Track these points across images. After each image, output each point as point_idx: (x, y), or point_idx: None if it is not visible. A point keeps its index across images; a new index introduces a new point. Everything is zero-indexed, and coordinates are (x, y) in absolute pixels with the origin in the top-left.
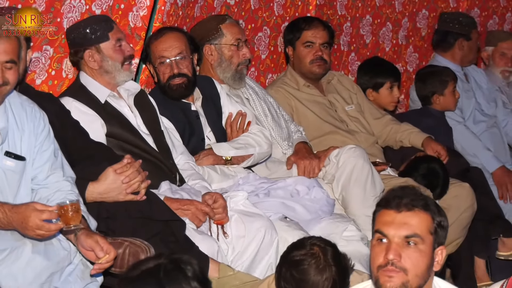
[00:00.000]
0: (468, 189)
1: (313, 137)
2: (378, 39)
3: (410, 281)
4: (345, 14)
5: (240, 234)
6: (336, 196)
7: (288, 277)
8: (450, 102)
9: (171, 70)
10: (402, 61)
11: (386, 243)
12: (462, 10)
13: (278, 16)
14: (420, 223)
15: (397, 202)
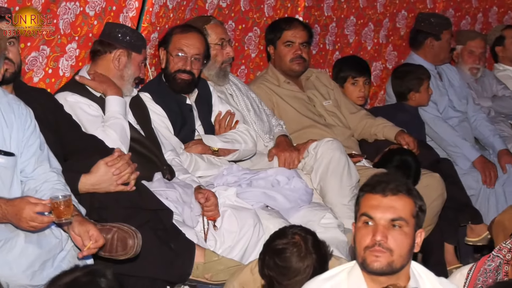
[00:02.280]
0: (439, 179)
1: (293, 130)
2: (360, 38)
3: (395, 261)
4: (331, 15)
5: (232, 229)
6: (315, 186)
7: (271, 265)
8: (424, 99)
9: (184, 65)
10: (382, 59)
11: (372, 226)
12: (438, 11)
13: (268, 17)
14: (405, 207)
15: (383, 187)
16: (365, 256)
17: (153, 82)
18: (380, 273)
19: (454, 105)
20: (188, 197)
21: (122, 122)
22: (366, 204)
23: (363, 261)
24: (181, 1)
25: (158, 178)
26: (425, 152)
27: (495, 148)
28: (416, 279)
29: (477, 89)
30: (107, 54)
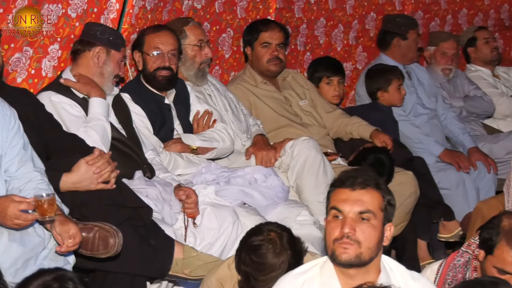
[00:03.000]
0: (412, 177)
1: (270, 129)
2: (331, 39)
3: (363, 253)
4: (302, 17)
5: (211, 226)
6: (291, 183)
7: (248, 261)
8: (394, 98)
9: (162, 61)
10: (352, 59)
11: (341, 219)
12: (407, 12)
13: (241, 18)
14: (373, 201)
15: (352, 182)
16: (334, 248)
17: (132, 83)
18: (349, 264)
19: (423, 103)
20: (168, 195)
21: (104, 124)
22: (336, 198)
23: (332, 253)
24: (159, 3)
25: (139, 176)
26: (399, 151)
27: (464, 146)
28: (387, 273)
29: (449, 89)
30: (86, 52)
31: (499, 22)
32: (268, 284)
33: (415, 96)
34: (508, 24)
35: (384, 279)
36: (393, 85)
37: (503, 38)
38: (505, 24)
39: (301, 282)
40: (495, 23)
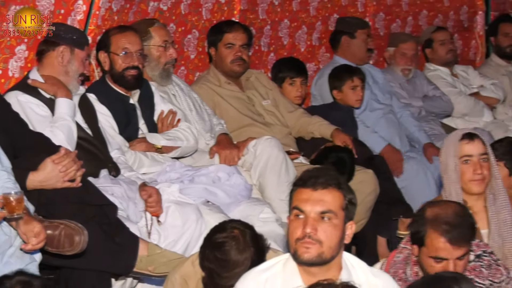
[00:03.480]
0: (372, 175)
1: (233, 129)
2: (294, 40)
3: (324, 252)
4: (266, 18)
5: (175, 224)
6: (254, 182)
7: (211, 258)
8: (349, 99)
9: (130, 61)
10: (315, 60)
11: (303, 218)
12: (369, 14)
13: (206, 20)
14: (334, 200)
15: (313, 182)
16: (296, 247)
17: (97, 83)
18: (310, 263)
19: (378, 99)
20: (132, 193)
21: (69, 124)
22: (298, 198)
23: (294, 253)
24: (125, 4)
25: (104, 175)
26: (359, 149)
27: (420, 142)
28: (349, 270)
29: (408, 89)
30: (51, 52)
31: (458, 23)
32: (231, 281)
33: (369, 92)
34: (467, 25)
35: (345, 276)
36: (347, 85)
37: (462, 39)
38: (464, 25)
39: (264, 279)
40: (454, 24)
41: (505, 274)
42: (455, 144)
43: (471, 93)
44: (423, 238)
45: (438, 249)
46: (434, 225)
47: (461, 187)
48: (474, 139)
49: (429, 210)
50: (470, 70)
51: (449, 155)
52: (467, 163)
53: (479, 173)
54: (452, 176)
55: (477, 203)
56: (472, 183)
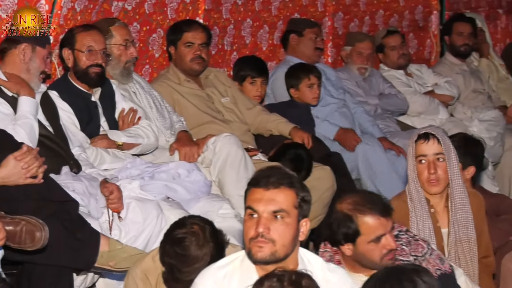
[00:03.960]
0: (329, 172)
1: (193, 126)
2: (256, 39)
3: (278, 250)
4: (229, 18)
5: (136, 219)
6: (213, 178)
7: (172, 253)
8: (305, 96)
9: (95, 59)
10: (276, 59)
11: (256, 218)
12: (329, 14)
13: (171, 19)
14: (286, 199)
15: (265, 181)
16: (250, 247)
17: (59, 81)
18: (264, 262)
19: (331, 94)
20: (94, 190)
21: (32, 122)
22: (251, 198)
23: (249, 252)
24: (88, 4)
25: (66, 172)
26: (317, 146)
27: (374, 136)
28: (305, 265)
29: (365, 87)
30: (13, 50)
31: (413, 22)
32: (191, 275)
33: (323, 89)
34: (422, 24)
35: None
36: (304, 83)
37: (417, 38)
38: (419, 24)
39: (223, 275)
40: (410, 23)
41: (426, 247)
42: (412, 144)
43: (426, 92)
44: (357, 230)
45: (375, 228)
46: (361, 211)
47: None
48: (429, 139)
49: (343, 207)
50: (424, 69)
51: (409, 155)
52: (423, 163)
53: (433, 173)
54: (411, 175)
55: (440, 202)
56: (429, 184)
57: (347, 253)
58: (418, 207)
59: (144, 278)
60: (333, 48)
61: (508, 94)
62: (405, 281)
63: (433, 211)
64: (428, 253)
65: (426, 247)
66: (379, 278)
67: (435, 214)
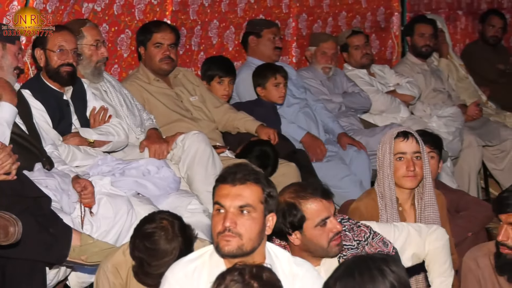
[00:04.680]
0: (295, 168)
1: (162, 124)
2: (223, 40)
3: (244, 244)
4: (196, 19)
5: (107, 215)
6: (182, 174)
7: (141, 247)
8: (272, 95)
9: (66, 58)
10: (242, 59)
11: (223, 213)
12: (293, 15)
13: (139, 20)
14: (252, 195)
15: (232, 177)
16: (218, 241)
17: (32, 80)
18: (232, 256)
19: (293, 94)
20: (66, 186)
21: (4, 130)
22: (218, 194)
23: (216, 246)
24: (59, 6)
25: (38, 168)
26: (283, 144)
27: (334, 132)
28: (272, 259)
29: (329, 86)
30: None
31: (375, 24)
32: (160, 269)
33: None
34: (384, 25)
35: (269, 264)
36: (270, 82)
37: (379, 39)
38: (381, 25)
39: (192, 269)
40: (372, 24)
41: (368, 232)
42: (390, 141)
43: (388, 91)
44: (302, 216)
45: (319, 211)
46: (303, 197)
47: (395, 182)
48: (408, 138)
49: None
50: (386, 69)
51: (385, 152)
52: (401, 160)
53: (412, 169)
54: (386, 172)
55: (407, 201)
56: (405, 179)
57: (296, 242)
58: (389, 205)
59: (115, 272)
60: (297, 48)
61: (467, 93)
62: (374, 270)
63: (401, 209)
64: (370, 237)
65: (369, 231)
66: (347, 266)
67: (403, 212)
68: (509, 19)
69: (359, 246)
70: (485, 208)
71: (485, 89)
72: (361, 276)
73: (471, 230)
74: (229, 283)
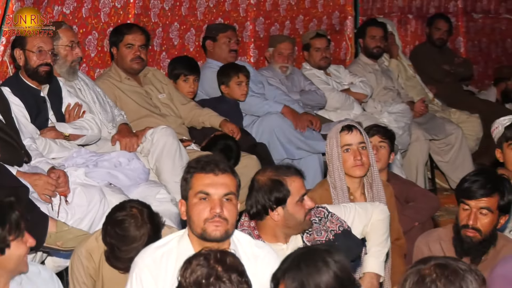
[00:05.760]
0: (255, 160)
1: (133, 119)
2: (184, 41)
3: (229, 229)
4: (158, 21)
5: (81, 203)
6: (151, 166)
7: (113, 234)
8: (235, 93)
9: (44, 59)
10: (203, 59)
11: (209, 201)
12: (250, 19)
13: (104, 22)
14: (232, 183)
15: (213, 168)
16: (206, 227)
17: (11, 78)
18: (219, 240)
19: (253, 90)
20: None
21: None
22: (201, 183)
23: (203, 232)
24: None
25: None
26: (244, 138)
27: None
28: (235, 244)
29: (287, 84)
30: None
31: (330, 27)
32: (130, 254)
33: None
34: (338, 28)
35: (233, 249)
36: (233, 81)
37: (334, 40)
38: (336, 28)
39: (160, 254)
40: (327, 27)
41: (326, 211)
42: (336, 135)
43: (342, 90)
44: (288, 191)
45: (300, 188)
46: (285, 174)
47: (345, 173)
48: (352, 130)
49: (268, 175)
50: (341, 69)
51: (332, 146)
52: (348, 152)
53: (359, 159)
54: (336, 164)
55: (357, 189)
56: (354, 168)
57: (276, 218)
58: (341, 195)
59: (88, 257)
60: (255, 49)
61: (415, 91)
62: (319, 261)
63: (352, 198)
64: (329, 215)
65: (326, 211)
66: (294, 258)
67: (354, 200)
68: (454, 23)
69: (321, 222)
70: (432, 199)
71: (431, 88)
72: (307, 267)
73: (418, 220)
74: (195, 267)
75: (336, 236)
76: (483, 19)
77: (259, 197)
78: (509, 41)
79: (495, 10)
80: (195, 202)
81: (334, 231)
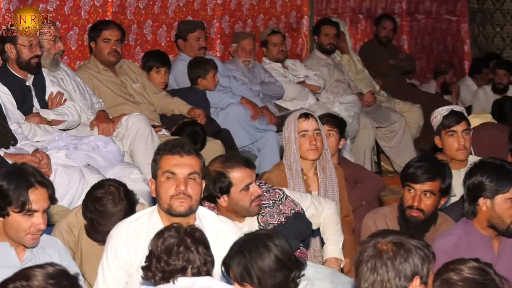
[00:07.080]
0: (220, 145)
1: (110, 106)
2: (156, 37)
3: (193, 205)
4: (133, 19)
5: (62, 182)
6: (126, 149)
7: (92, 209)
8: (210, 84)
9: (35, 51)
10: (174, 53)
11: (174, 180)
12: (217, 17)
13: (85, 19)
14: (196, 164)
15: (179, 150)
16: (171, 203)
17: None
18: (184, 215)
19: (220, 83)
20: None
21: None
22: (168, 164)
23: (169, 207)
24: (19, 5)
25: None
26: (210, 124)
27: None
28: (200, 219)
29: (249, 76)
30: None
31: (288, 25)
32: (108, 227)
33: None
34: (295, 26)
35: (198, 223)
36: (210, 74)
37: (292, 37)
38: (293, 26)
39: (133, 228)
40: (285, 25)
41: (281, 193)
42: (294, 122)
43: (298, 82)
44: (230, 182)
45: (244, 178)
46: (230, 166)
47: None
48: (309, 118)
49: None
50: (297, 63)
51: (290, 131)
52: (304, 137)
53: (314, 143)
54: (292, 147)
55: (310, 170)
56: (309, 152)
57: (223, 204)
58: (295, 175)
59: (69, 230)
60: (221, 45)
61: (363, 83)
62: (260, 247)
63: (306, 178)
64: (284, 198)
65: (282, 193)
66: (239, 245)
67: (307, 180)
68: (399, 22)
69: (274, 205)
70: (377, 181)
71: (378, 80)
72: (249, 253)
73: (366, 199)
74: (167, 237)
75: (288, 219)
76: (425, 19)
77: (208, 185)
78: (449, 39)
79: (437, 11)
80: (163, 180)
81: (286, 214)
